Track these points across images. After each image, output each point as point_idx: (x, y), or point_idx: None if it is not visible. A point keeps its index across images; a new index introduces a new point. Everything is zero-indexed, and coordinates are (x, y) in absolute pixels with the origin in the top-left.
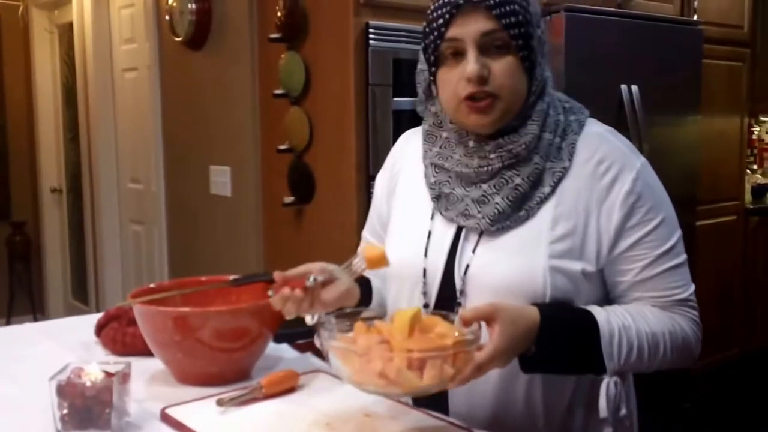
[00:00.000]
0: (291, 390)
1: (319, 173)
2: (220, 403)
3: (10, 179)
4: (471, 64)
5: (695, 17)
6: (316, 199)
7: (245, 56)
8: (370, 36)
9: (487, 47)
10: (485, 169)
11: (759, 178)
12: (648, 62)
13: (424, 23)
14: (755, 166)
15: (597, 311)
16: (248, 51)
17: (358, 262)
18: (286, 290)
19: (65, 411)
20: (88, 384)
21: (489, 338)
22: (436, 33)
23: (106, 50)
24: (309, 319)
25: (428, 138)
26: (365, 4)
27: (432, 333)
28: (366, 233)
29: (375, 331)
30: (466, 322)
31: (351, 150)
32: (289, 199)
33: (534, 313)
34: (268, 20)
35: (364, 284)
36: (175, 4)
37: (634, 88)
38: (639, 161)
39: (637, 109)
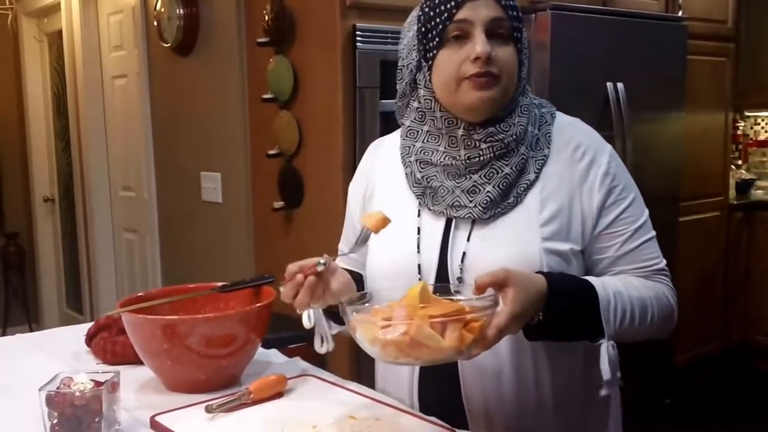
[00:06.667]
0: (279, 395)
1: (308, 177)
2: (208, 409)
3: (3, 189)
4: (481, 45)
5: (680, 13)
6: (305, 203)
7: (233, 61)
8: (358, 38)
9: (491, 34)
10: (476, 159)
11: (743, 174)
12: (633, 59)
13: (426, 8)
14: (740, 162)
15: (592, 279)
16: (236, 56)
17: (365, 233)
18: (299, 277)
19: (55, 421)
20: (78, 394)
21: (503, 303)
22: (445, 15)
23: (96, 57)
24: (306, 322)
25: (409, 134)
26: (352, 7)
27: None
28: (342, 246)
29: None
30: (481, 288)
31: (338, 153)
32: (278, 204)
33: (542, 281)
34: (256, 24)
35: (357, 279)
36: (163, 10)
37: (620, 85)
38: (608, 146)
39: (623, 106)
